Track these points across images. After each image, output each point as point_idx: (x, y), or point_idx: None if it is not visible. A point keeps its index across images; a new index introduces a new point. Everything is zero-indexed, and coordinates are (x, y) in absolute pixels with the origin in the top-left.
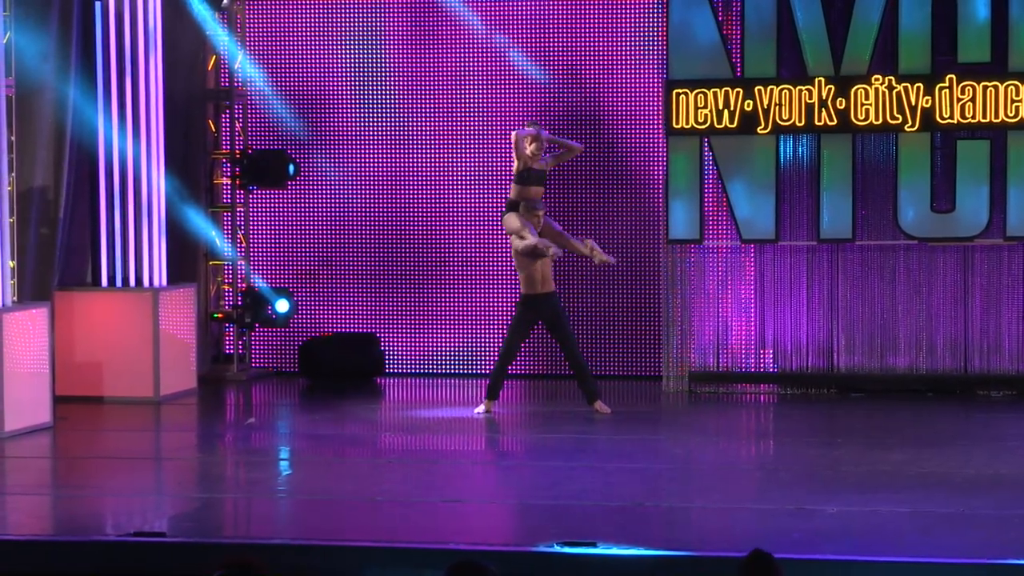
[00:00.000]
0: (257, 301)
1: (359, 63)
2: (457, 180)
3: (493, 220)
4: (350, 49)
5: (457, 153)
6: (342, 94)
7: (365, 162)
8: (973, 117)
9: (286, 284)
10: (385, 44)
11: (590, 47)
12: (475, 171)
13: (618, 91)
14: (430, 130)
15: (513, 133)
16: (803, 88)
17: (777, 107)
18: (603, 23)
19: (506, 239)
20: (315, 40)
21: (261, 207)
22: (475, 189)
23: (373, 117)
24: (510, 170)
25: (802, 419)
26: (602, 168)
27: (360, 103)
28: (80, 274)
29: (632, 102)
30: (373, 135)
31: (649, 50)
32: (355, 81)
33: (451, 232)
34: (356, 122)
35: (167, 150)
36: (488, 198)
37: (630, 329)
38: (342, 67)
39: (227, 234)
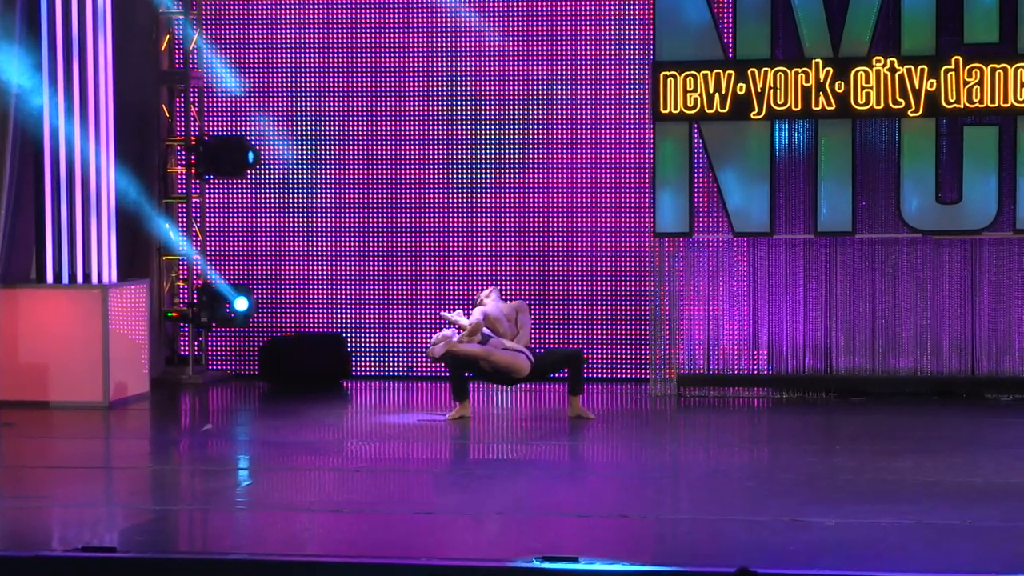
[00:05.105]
0: (214, 299)
1: (325, 41)
2: (431, 169)
3: (469, 215)
4: (315, 27)
5: (431, 141)
6: (306, 75)
7: (331, 150)
8: (981, 102)
9: (245, 281)
10: (352, 19)
11: (573, 28)
12: (451, 159)
13: (602, 73)
14: (402, 116)
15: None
16: (799, 70)
17: (772, 91)
18: (587, 3)
19: (483, 232)
20: (277, 18)
21: (218, 198)
22: (450, 179)
23: (341, 100)
24: (491, 161)
25: (798, 425)
26: (585, 157)
27: (326, 85)
28: (24, 270)
29: (616, 85)
30: (340, 120)
31: (634, 30)
32: (321, 61)
33: (424, 226)
34: (322, 106)
35: (117, 137)
36: (464, 192)
37: (615, 329)
38: (307, 46)
39: (182, 227)
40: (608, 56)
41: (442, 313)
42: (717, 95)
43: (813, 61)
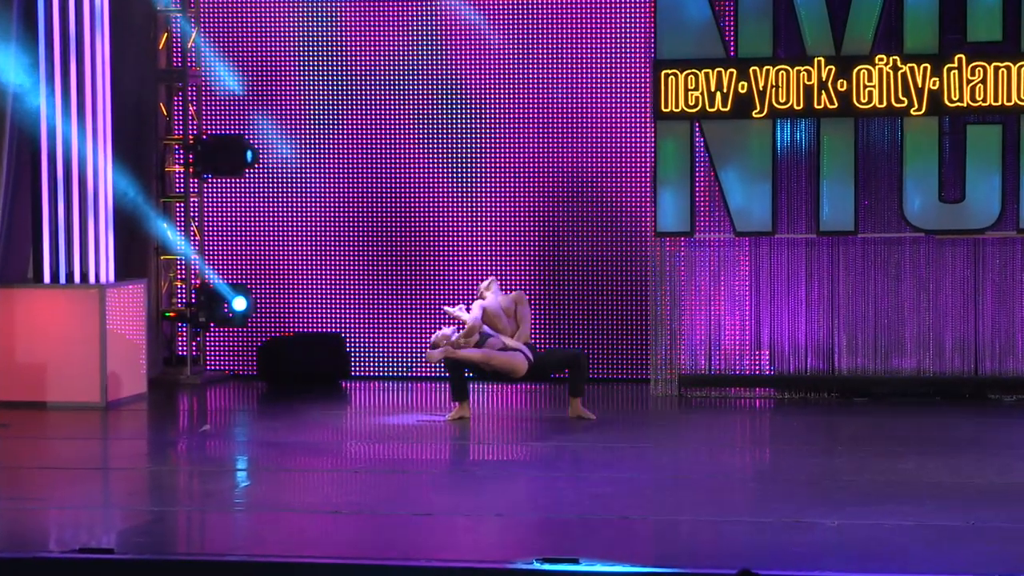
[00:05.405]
0: (212, 299)
1: (324, 40)
2: (431, 170)
3: (469, 216)
4: (314, 25)
5: (431, 142)
6: (305, 74)
7: (330, 148)
8: (984, 100)
9: (244, 280)
10: (352, 19)
11: (573, 28)
12: (451, 160)
13: (602, 73)
14: (403, 115)
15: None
16: (801, 69)
17: (773, 89)
18: (587, 2)
19: (484, 232)
20: (276, 15)
21: (217, 197)
22: (451, 180)
23: (341, 100)
24: (490, 159)
25: (800, 425)
26: (586, 156)
27: (326, 84)
28: (21, 270)
29: (617, 84)
30: (340, 119)
31: (635, 29)
32: (321, 59)
33: (423, 227)
34: (321, 105)
35: (115, 135)
36: (464, 193)
37: (615, 329)
38: (306, 45)
39: (180, 226)
40: (608, 55)
41: (445, 308)
42: (719, 94)
43: (815, 59)
